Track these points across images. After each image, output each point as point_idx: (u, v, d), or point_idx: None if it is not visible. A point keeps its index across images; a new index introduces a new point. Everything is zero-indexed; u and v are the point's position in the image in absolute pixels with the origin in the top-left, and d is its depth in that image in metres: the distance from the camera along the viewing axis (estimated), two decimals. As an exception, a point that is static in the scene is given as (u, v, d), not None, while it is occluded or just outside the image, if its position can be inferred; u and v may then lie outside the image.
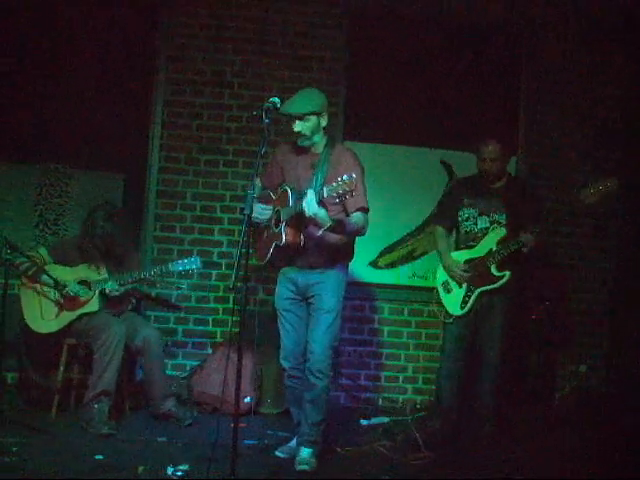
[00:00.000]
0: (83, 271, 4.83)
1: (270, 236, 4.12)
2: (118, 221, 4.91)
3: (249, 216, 3.56)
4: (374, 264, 5.83)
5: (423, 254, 5.82)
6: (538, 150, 5.87)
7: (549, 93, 5.89)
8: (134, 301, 5.07)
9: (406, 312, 5.74)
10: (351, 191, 3.59)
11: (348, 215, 4.01)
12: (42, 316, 4.73)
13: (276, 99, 3.81)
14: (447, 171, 5.80)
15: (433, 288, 4.92)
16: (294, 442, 4.23)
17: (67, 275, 4.79)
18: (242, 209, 3.64)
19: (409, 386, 5.77)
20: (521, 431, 4.89)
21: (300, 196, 3.87)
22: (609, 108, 5.93)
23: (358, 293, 5.76)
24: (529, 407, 5.16)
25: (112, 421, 4.52)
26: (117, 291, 4.80)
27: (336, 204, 3.86)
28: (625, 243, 5.82)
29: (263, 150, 3.67)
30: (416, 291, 5.76)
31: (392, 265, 5.84)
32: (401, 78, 5.83)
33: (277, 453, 4.26)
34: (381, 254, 5.83)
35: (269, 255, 4.09)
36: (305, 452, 4.07)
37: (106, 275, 4.82)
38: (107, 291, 4.78)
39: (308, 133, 4.01)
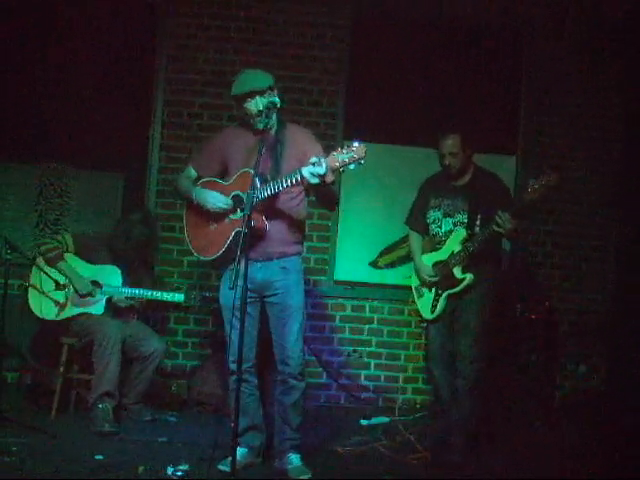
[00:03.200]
0: (101, 272, 4.80)
1: (225, 224, 3.82)
2: (154, 226, 4.94)
3: (249, 216, 3.51)
4: (374, 264, 5.83)
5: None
6: (538, 151, 5.87)
7: (549, 94, 5.88)
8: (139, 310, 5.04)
9: (406, 312, 5.73)
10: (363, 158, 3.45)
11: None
12: (43, 301, 4.70)
13: (276, 99, 3.79)
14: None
15: None
16: (243, 451, 3.94)
17: (85, 270, 4.77)
18: (242, 209, 3.63)
19: (409, 386, 5.76)
20: (520, 430, 4.90)
21: (265, 179, 3.72)
22: (609, 108, 5.92)
23: (358, 293, 5.77)
24: (529, 406, 5.15)
25: (115, 421, 4.53)
26: (122, 302, 4.82)
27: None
28: (625, 243, 5.82)
29: (263, 150, 3.67)
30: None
31: (392, 265, 5.84)
32: (401, 78, 5.82)
33: (220, 467, 3.78)
34: (381, 254, 5.83)
35: (225, 246, 3.78)
36: (296, 459, 3.94)
37: (119, 283, 4.80)
38: (113, 299, 4.80)
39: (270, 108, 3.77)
